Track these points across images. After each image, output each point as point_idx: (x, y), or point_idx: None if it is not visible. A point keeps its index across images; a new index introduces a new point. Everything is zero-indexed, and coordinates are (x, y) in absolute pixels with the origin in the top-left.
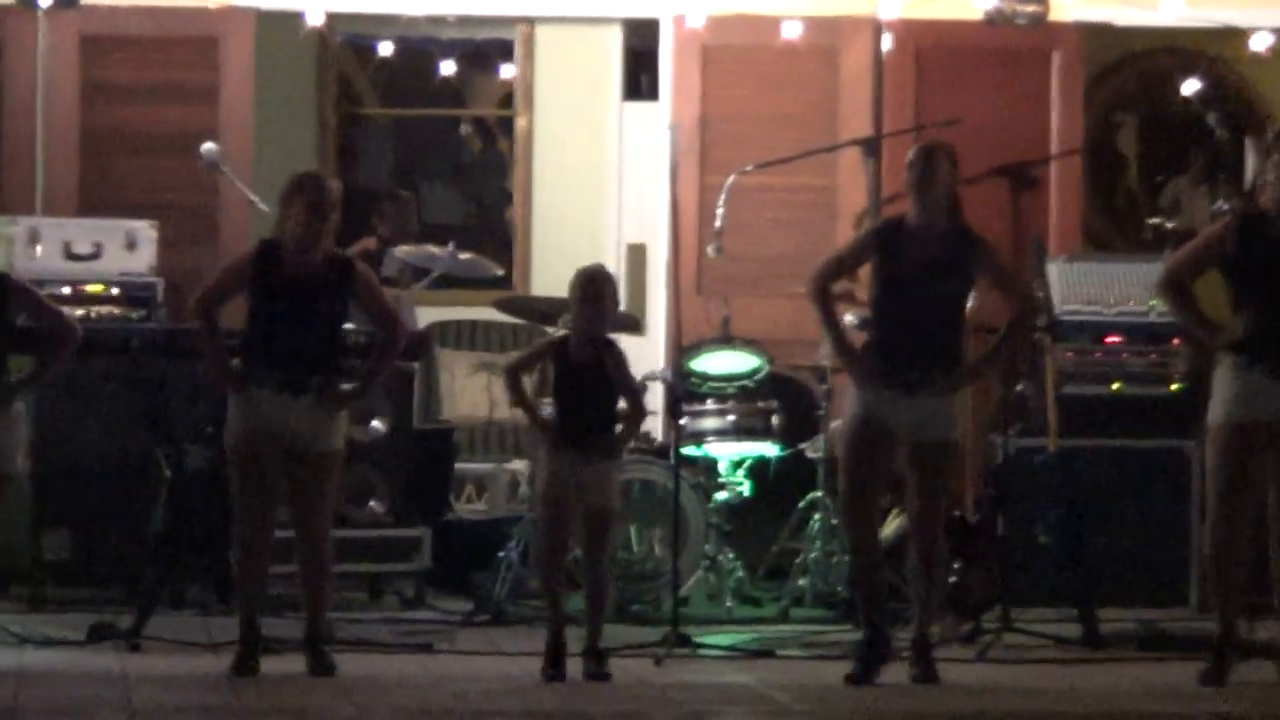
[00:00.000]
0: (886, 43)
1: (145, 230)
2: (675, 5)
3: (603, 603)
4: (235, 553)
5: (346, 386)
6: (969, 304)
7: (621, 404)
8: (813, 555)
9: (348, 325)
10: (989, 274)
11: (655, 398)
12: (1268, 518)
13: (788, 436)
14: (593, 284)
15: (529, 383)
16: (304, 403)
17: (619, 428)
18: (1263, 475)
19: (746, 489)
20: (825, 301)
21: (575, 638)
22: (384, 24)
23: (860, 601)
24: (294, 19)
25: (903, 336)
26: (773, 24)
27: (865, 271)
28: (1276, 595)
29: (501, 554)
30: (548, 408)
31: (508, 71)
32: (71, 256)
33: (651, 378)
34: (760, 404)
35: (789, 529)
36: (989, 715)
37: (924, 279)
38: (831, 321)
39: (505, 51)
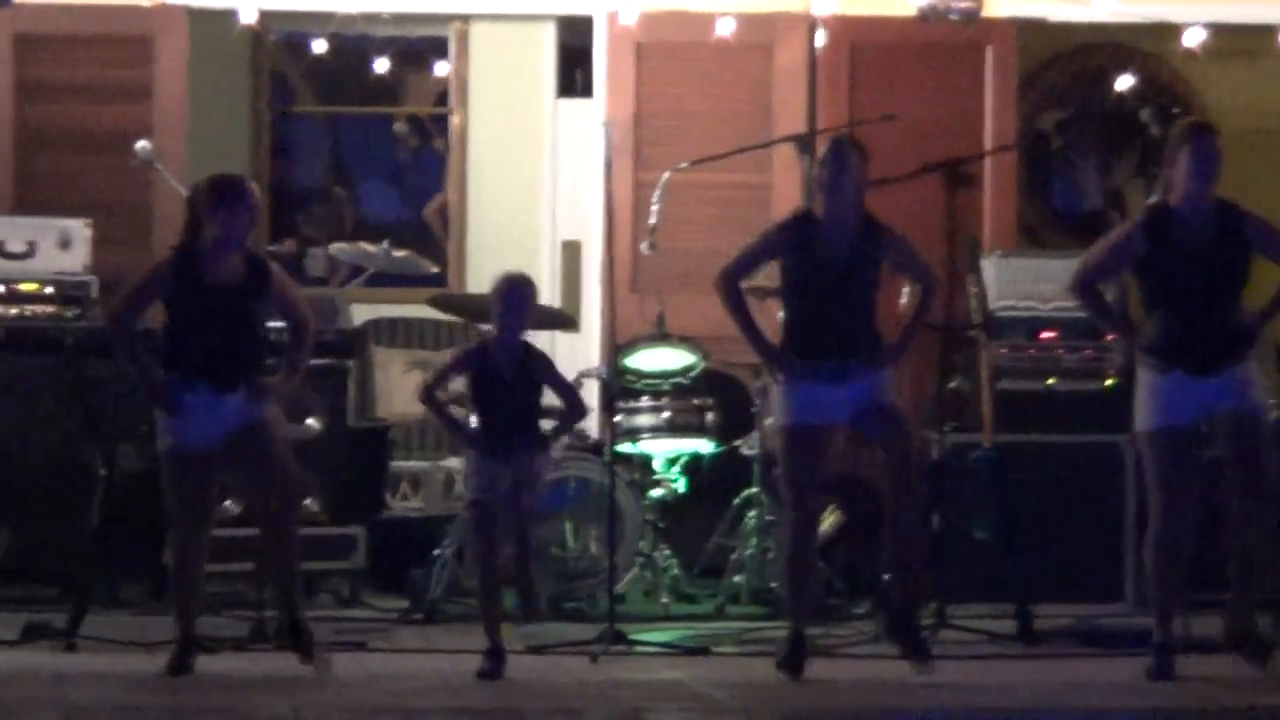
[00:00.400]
0: (820, 39)
1: (79, 229)
2: (609, 2)
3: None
4: (171, 554)
5: (275, 378)
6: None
7: (557, 402)
8: (748, 552)
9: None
10: (896, 259)
11: (590, 395)
12: (1233, 511)
13: (723, 433)
14: (514, 292)
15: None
16: (233, 400)
17: (551, 424)
18: (1199, 475)
19: (682, 486)
20: (736, 298)
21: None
22: (318, 21)
23: (792, 600)
24: (227, 17)
25: (820, 329)
26: (707, 20)
27: None
28: (1238, 587)
29: (437, 552)
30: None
31: (442, 69)
32: (5, 255)
33: (586, 375)
34: (695, 401)
35: (724, 526)
36: (924, 711)
37: (837, 273)
38: (744, 317)
39: (440, 49)
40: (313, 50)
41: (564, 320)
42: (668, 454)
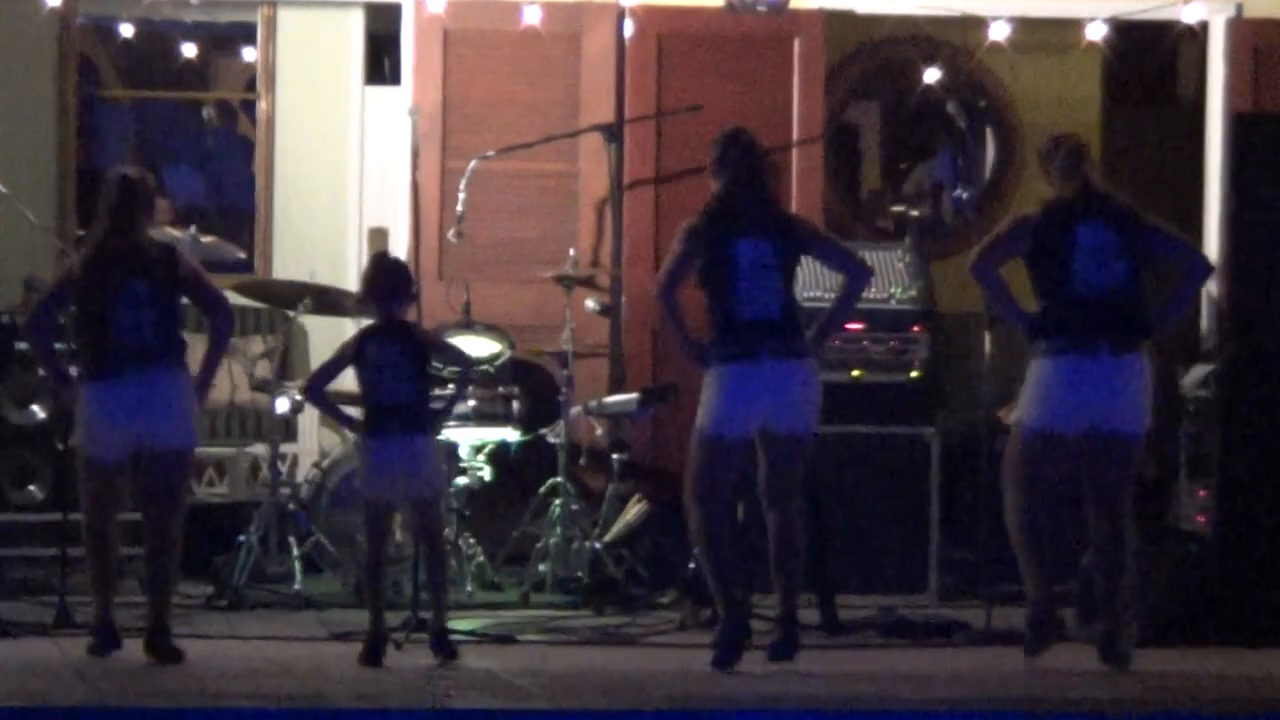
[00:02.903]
0: (628, 29)
1: None
2: None
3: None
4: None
5: None
6: None
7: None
8: (553, 540)
9: None
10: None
11: None
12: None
13: (529, 422)
14: (397, 274)
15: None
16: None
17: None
18: (1058, 474)
19: (487, 474)
20: (674, 306)
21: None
22: (125, 5)
23: (718, 587)
24: (34, 0)
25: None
26: (514, 9)
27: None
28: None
29: (242, 538)
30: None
31: (250, 54)
32: None
33: None
34: (501, 389)
35: (530, 514)
36: (726, 700)
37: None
38: (679, 323)
39: (248, 34)
40: (120, 34)
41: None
42: (474, 442)
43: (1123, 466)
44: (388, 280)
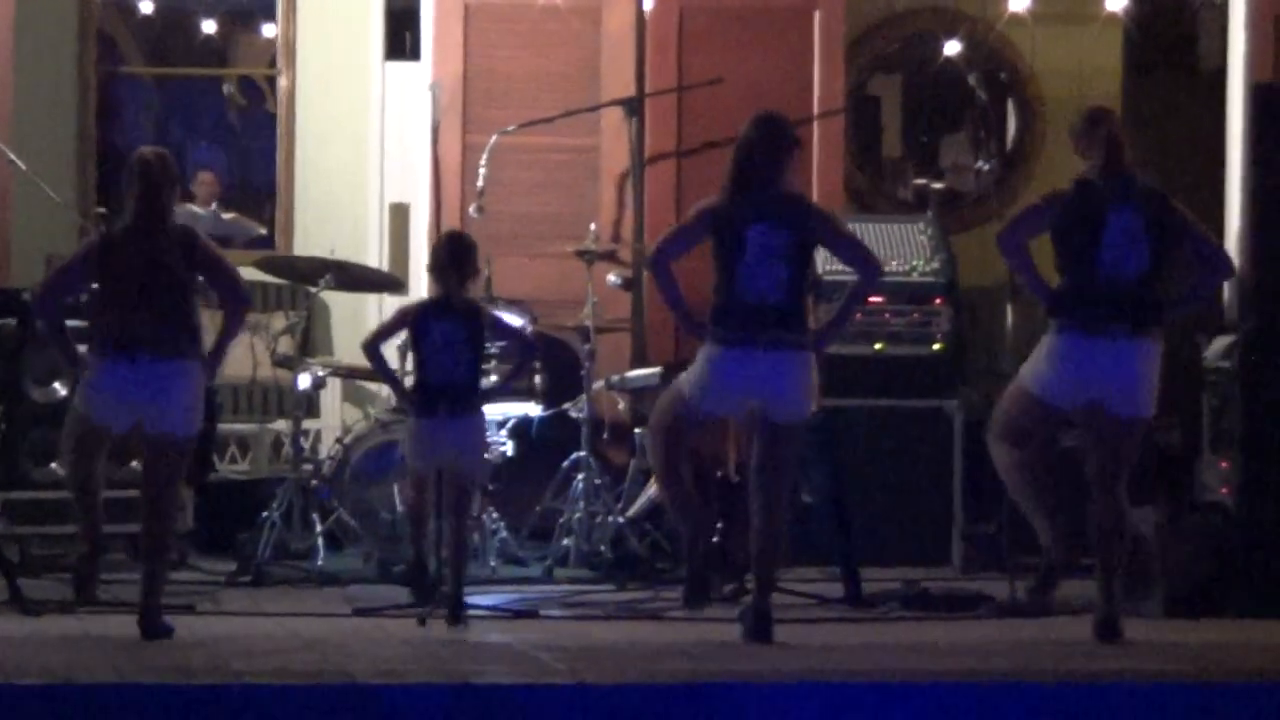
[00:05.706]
0: (648, 2)
1: None
2: None
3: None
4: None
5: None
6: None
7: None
8: (576, 515)
9: None
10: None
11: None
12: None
13: (551, 397)
14: (462, 249)
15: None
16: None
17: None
18: (1046, 437)
19: (510, 449)
20: (668, 274)
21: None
22: None
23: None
24: None
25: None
26: None
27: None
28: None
29: (265, 514)
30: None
31: (271, 30)
32: None
33: None
34: None
35: (552, 489)
36: (750, 674)
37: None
38: (673, 292)
39: (268, 10)
40: (140, 11)
41: (392, 283)
42: (497, 417)
43: (1124, 448)
44: (451, 255)
